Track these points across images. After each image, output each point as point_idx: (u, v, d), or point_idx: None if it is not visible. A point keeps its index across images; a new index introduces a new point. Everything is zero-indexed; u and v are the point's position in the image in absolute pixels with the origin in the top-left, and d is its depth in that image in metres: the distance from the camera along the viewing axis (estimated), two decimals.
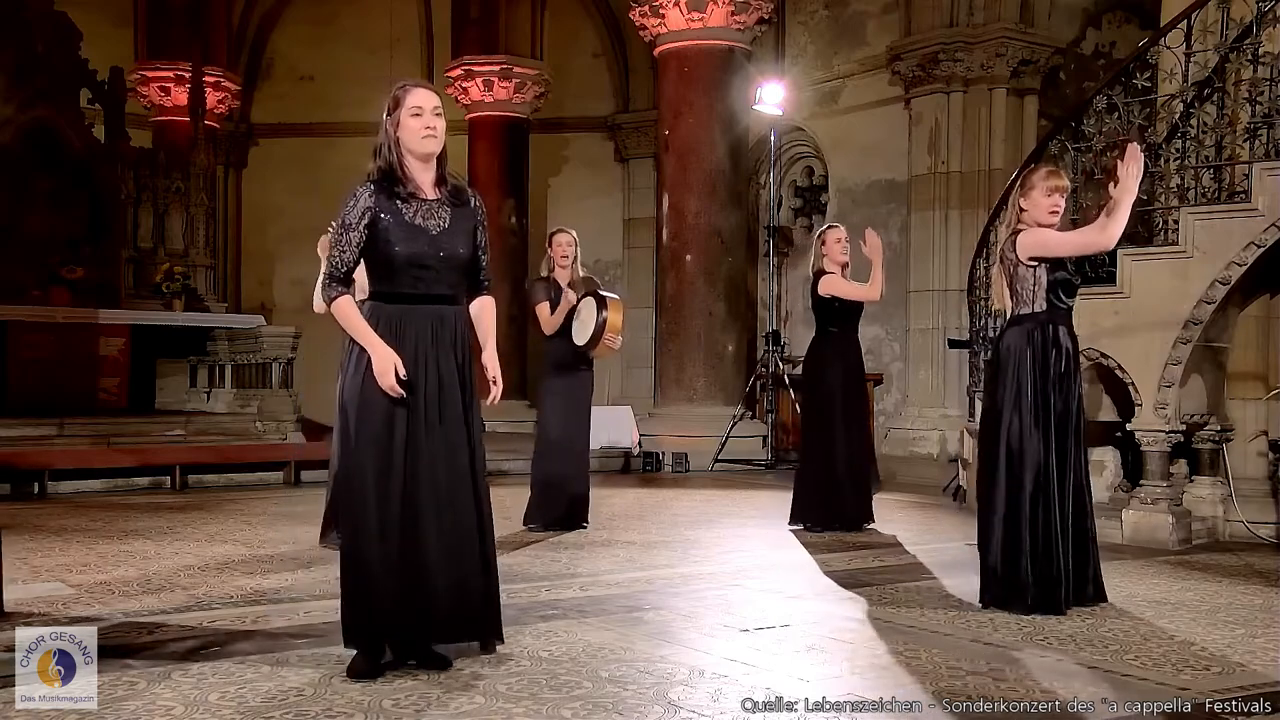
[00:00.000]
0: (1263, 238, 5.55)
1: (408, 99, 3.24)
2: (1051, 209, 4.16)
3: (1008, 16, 11.11)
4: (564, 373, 6.18)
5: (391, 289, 3.25)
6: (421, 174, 3.27)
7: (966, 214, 11.13)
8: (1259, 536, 6.00)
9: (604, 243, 15.24)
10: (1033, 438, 4.15)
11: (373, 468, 3.17)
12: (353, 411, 3.22)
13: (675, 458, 10.38)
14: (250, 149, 16.00)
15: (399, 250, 3.19)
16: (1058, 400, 4.16)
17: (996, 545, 4.17)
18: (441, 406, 3.23)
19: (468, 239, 3.31)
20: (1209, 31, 5.96)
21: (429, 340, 3.23)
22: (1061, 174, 4.33)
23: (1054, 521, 4.12)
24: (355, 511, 3.21)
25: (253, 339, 10.75)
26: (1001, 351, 4.28)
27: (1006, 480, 4.18)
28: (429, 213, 3.24)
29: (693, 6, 10.80)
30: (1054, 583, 4.09)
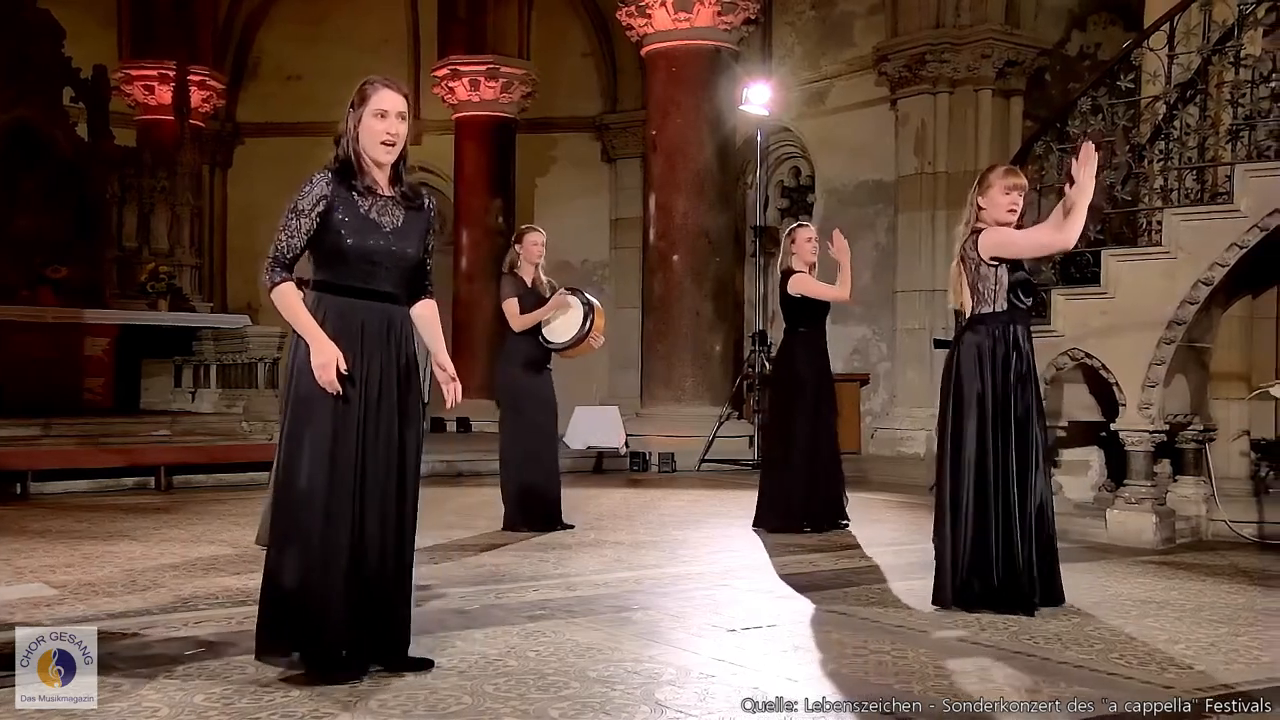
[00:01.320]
0: (1245, 238, 5.59)
1: (374, 98, 3.18)
2: (1009, 207, 4.16)
3: (994, 18, 11.16)
4: (533, 371, 6.17)
5: (338, 280, 3.18)
6: (378, 171, 3.22)
7: (953, 214, 11.06)
8: (1242, 536, 6.04)
9: (591, 243, 15.24)
10: (992, 438, 4.13)
11: (318, 464, 3.08)
12: (295, 407, 3.13)
13: (662, 458, 10.38)
14: (236, 148, 15.96)
15: (351, 243, 3.13)
16: (1017, 401, 4.15)
17: (963, 546, 4.15)
18: (385, 405, 3.16)
19: (418, 240, 3.27)
20: (1192, 34, 6.00)
21: (376, 337, 3.17)
22: (1019, 173, 4.34)
23: (1014, 521, 4.11)
24: (292, 511, 3.12)
25: (239, 339, 10.71)
26: (961, 351, 4.25)
27: (968, 481, 4.15)
28: (384, 209, 3.20)
29: (679, 6, 10.81)
30: (1020, 582, 4.09)
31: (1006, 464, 4.14)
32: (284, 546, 3.14)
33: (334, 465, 3.10)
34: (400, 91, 3.24)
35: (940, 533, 4.25)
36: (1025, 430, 4.16)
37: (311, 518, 3.10)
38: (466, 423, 13.45)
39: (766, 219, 12.80)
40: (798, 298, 6.13)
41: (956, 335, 4.41)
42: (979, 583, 4.13)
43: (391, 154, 3.21)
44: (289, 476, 3.15)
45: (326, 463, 3.10)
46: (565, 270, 13.20)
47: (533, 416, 6.17)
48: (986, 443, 4.15)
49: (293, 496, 3.14)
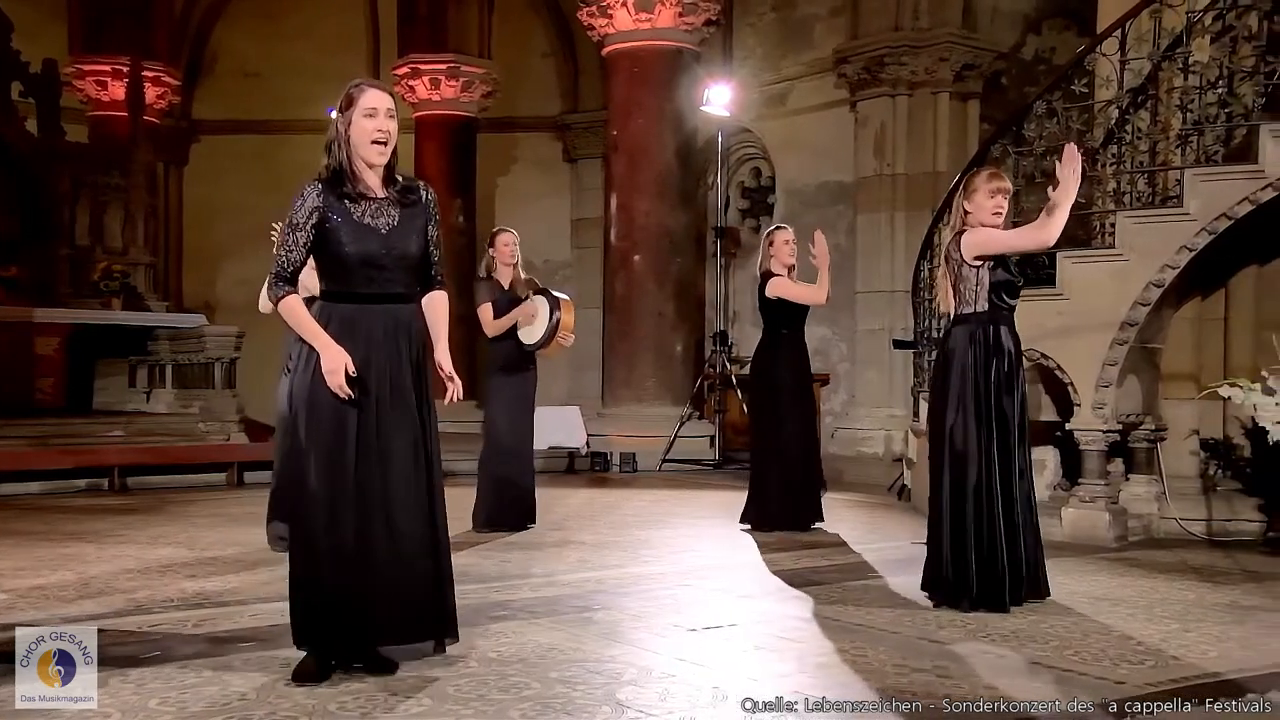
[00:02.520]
0: (1194, 241, 5.70)
1: (362, 99, 3.21)
2: (995, 210, 4.24)
3: (951, 22, 11.27)
4: (511, 373, 6.17)
5: (343, 288, 3.22)
6: (370, 173, 3.24)
7: (913, 216, 11.27)
8: (1191, 533, 6.16)
9: (553, 243, 15.21)
10: (976, 437, 4.21)
11: (324, 469, 3.13)
12: (303, 412, 3.19)
13: (624, 458, 10.39)
14: (192, 146, 15.73)
15: (350, 250, 3.16)
16: (1001, 399, 4.23)
17: (944, 544, 4.23)
18: (395, 407, 3.20)
19: (419, 236, 3.29)
20: (1142, 40, 6.10)
21: (383, 340, 3.20)
22: (1003, 176, 4.42)
23: (998, 520, 4.18)
24: (306, 513, 3.18)
25: (195, 339, 10.58)
26: (946, 352, 4.35)
27: (951, 479, 4.25)
28: (378, 211, 3.22)
29: (641, 7, 10.82)
30: (998, 581, 4.16)
31: (990, 461, 4.20)
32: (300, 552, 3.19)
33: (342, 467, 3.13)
34: (387, 90, 3.28)
35: (931, 527, 4.33)
36: (1007, 430, 4.23)
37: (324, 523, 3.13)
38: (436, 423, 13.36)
39: (727, 220, 12.85)
40: (776, 300, 6.17)
41: (942, 336, 4.49)
42: (962, 580, 4.19)
43: (385, 153, 3.23)
44: (303, 482, 3.18)
45: (337, 465, 3.13)
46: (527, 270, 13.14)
47: (510, 418, 6.17)
48: (969, 441, 4.21)
49: (307, 502, 3.17)
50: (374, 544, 3.16)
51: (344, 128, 3.21)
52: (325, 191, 3.19)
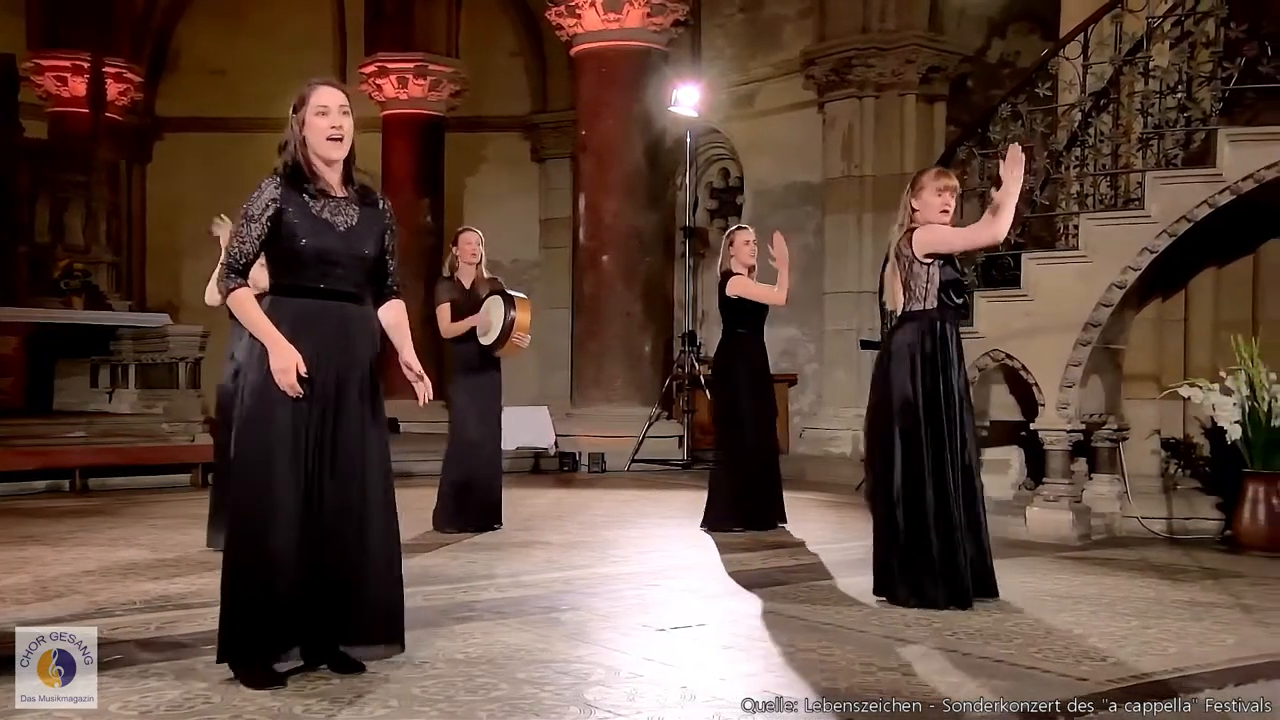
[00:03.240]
0: (1155, 243, 5.78)
1: (313, 97, 3.20)
2: (942, 208, 4.27)
3: (918, 24, 11.35)
4: (474, 373, 6.15)
5: (296, 283, 3.18)
6: (328, 171, 3.22)
7: (880, 217, 11.31)
8: (1152, 531, 6.24)
9: (521, 243, 15.17)
10: (922, 434, 4.22)
11: (276, 469, 3.07)
12: (252, 410, 3.12)
13: (592, 458, 10.39)
14: (156, 143, 15.55)
15: (306, 244, 3.13)
16: (948, 397, 4.25)
17: (898, 541, 4.24)
18: (346, 406, 3.16)
19: (375, 240, 3.27)
20: (1104, 44, 6.18)
21: (335, 338, 3.16)
22: (950, 174, 4.45)
23: (945, 516, 4.19)
24: (252, 513, 3.10)
25: (159, 338, 10.45)
26: (893, 348, 4.35)
27: (901, 477, 4.24)
28: (337, 209, 3.20)
29: (609, 7, 10.82)
30: (959, 577, 4.18)
31: (939, 459, 4.22)
32: (238, 552, 3.12)
33: (292, 471, 3.08)
34: (339, 88, 3.26)
35: (877, 527, 4.33)
36: (956, 426, 4.26)
37: (265, 524, 3.08)
38: (395, 424, 13.30)
39: (696, 220, 12.87)
40: (735, 300, 6.19)
41: (889, 333, 4.50)
42: (915, 577, 4.21)
43: (341, 149, 3.21)
44: (245, 482, 3.13)
45: (285, 469, 3.08)
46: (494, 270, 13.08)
47: (475, 418, 6.15)
48: (918, 438, 4.23)
49: (248, 502, 3.12)
50: (325, 546, 3.11)
51: (298, 127, 3.20)
52: (284, 186, 3.17)
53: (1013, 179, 4.10)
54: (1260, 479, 5.82)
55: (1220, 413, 5.90)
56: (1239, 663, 3.44)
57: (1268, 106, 5.81)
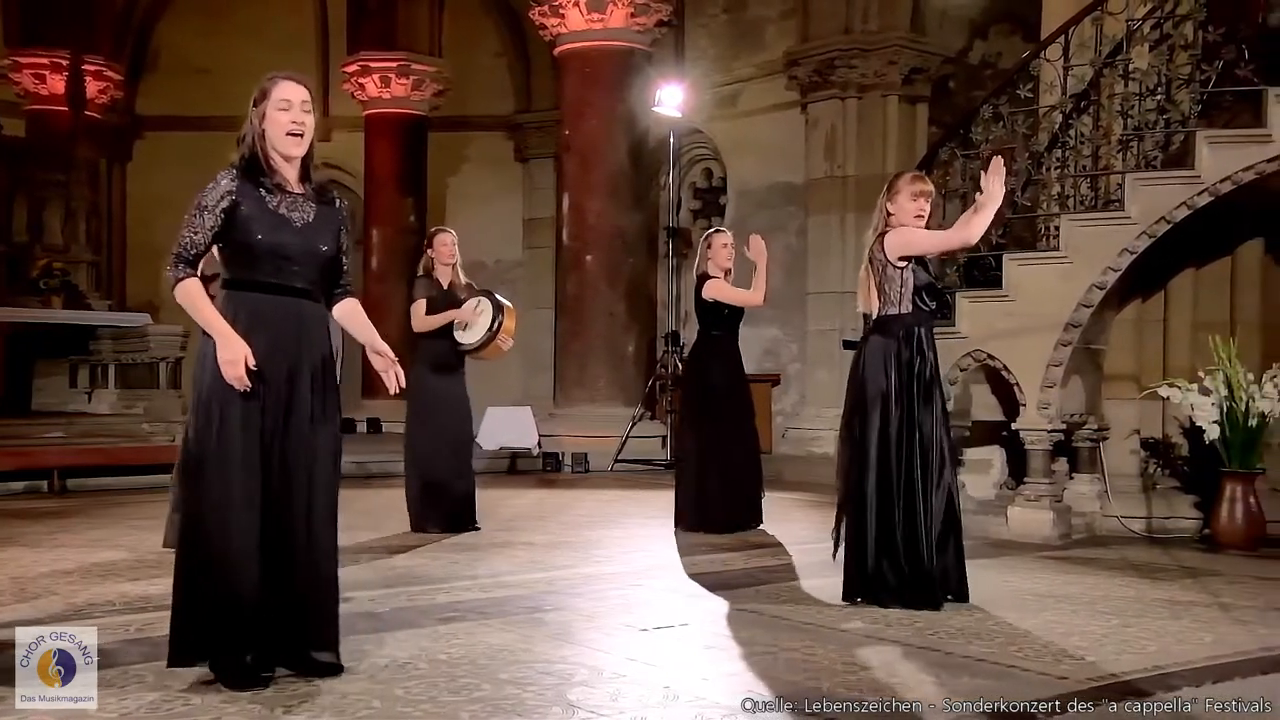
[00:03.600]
0: (1135, 244, 5.82)
1: (275, 91, 3.15)
2: (917, 212, 4.28)
3: (900, 25, 11.39)
4: (443, 372, 6.12)
5: (250, 277, 3.13)
6: (286, 167, 3.19)
7: (863, 218, 11.31)
8: (1132, 531, 6.29)
9: (504, 243, 15.14)
10: (896, 437, 4.23)
11: (228, 465, 3.03)
12: (205, 407, 3.07)
13: (575, 458, 10.38)
14: (136, 142, 15.44)
15: (261, 238, 3.09)
16: (921, 401, 4.26)
17: (869, 543, 4.24)
18: (298, 403, 3.12)
19: (331, 237, 3.23)
20: (1085, 46, 6.22)
21: (289, 334, 3.12)
22: (926, 179, 4.47)
23: (918, 519, 4.20)
24: (205, 512, 3.05)
25: (139, 338, 10.38)
26: (867, 352, 4.35)
27: (872, 479, 4.25)
28: (294, 205, 3.16)
29: (593, 7, 10.82)
30: (928, 579, 4.18)
31: (910, 462, 4.23)
32: (194, 551, 3.08)
33: (245, 467, 3.04)
34: (302, 83, 3.21)
35: (848, 530, 4.34)
36: (928, 430, 4.26)
37: (221, 521, 3.04)
38: (378, 423, 13.25)
39: (679, 220, 12.87)
40: (711, 302, 6.19)
41: (863, 336, 4.50)
42: (885, 579, 4.22)
43: (300, 145, 3.17)
44: (198, 479, 3.09)
45: (237, 465, 3.04)
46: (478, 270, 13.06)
47: (441, 417, 6.11)
48: (890, 442, 4.24)
49: (201, 499, 3.07)
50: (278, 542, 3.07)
51: (258, 120, 3.16)
52: (240, 179, 3.12)
53: (995, 187, 4.11)
54: (1238, 478, 5.87)
55: (1199, 413, 5.94)
56: (1217, 661, 3.47)
57: (1244, 109, 5.86)
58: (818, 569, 5.08)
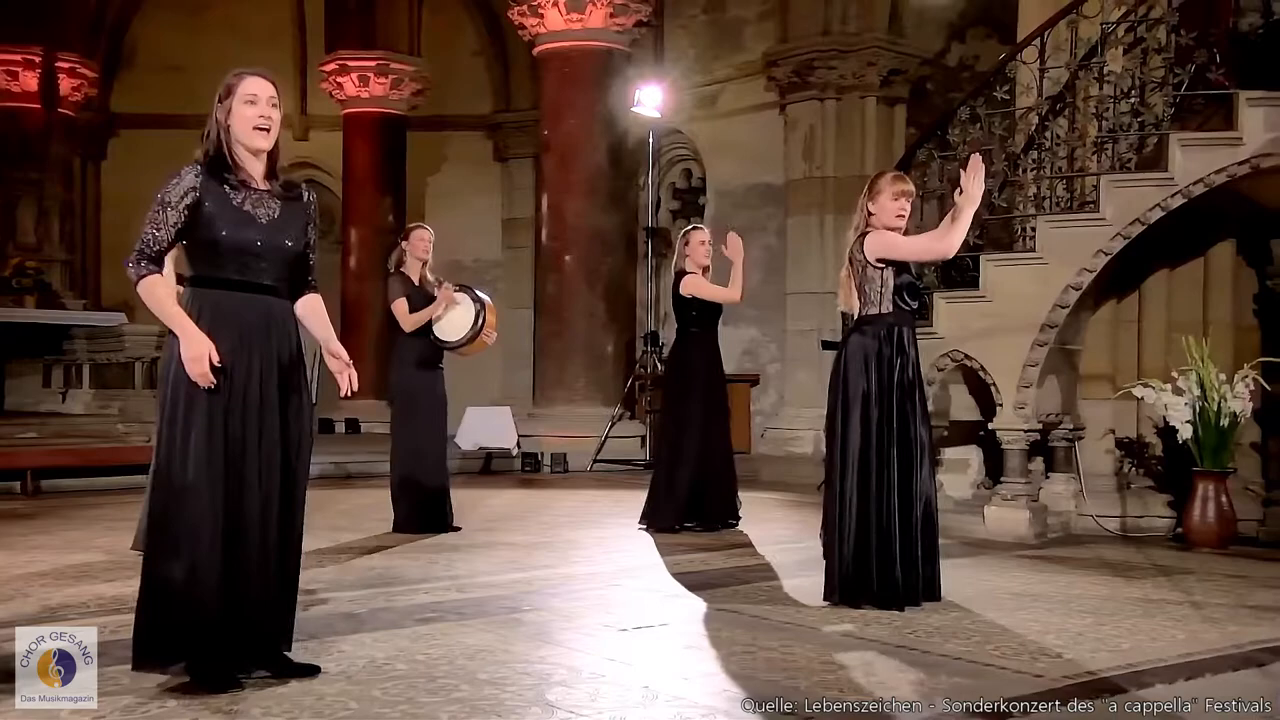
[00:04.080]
0: (1109, 246, 5.88)
1: (241, 86, 3.13)
2: (898, 213, 4.29)
3: (879, 27, 11.44)
4: (425, 370, 6.11)
5: (214, 274, 3.11)
6: (252, 163, 3.16)
7: (842, 218, 11.36)
8: (1106, 530, 6.35)
9: (483, 242, 15.12)
10: (877, 437, 4.24)
11: (194, 465, 3.01)
12: (171, 405, 3.05)
13: (554, 458, 10.37)
14: (111, 140, 15.31)
15: (226, 235, 3.07)
16: (901, 400, 4.27)
17: (849, 543, 4.25)
18: (268, 401, 3.10)
19: (298, 233, 3.21)
20: (1060, 49, 6.28)
21: (255, 331, 3.10)
22: (907, 180, 4.49)
23: (896, 519, 4.22)
24: (174, 513, 3.03)
25: (114, 338, 10.31)
26: (848, 352, 4.36)
27: (853, 479, 4.26)
28: (259, 202, 3.14)
29: (572, 7, 10.82)
30: (896, 581, 4.19)
31: (890, 463, 4.25)
32: (161, 551, 3.06)
33: (211, 466, 3.02)
34: (269, 79, 3.19)
35: (829, 530, 4.36)
36: (908, 430, 4.29)
37: (189, 521, 3.01)
38: (356, 424, 13.19)
39: (658, 220, 12.88)
40: (689, 299, 6.20)
41: (844, 337, 4.52)
42: (863, 579, 4.24)
43: (267, 140, 3.15)
44: (165, 479, 3.07)
45: (204, 464, 3.02)
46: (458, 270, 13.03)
47: (424, 417, 6.11)
48: (870, 441, 4.26)
49: (169, 499, 3.05)
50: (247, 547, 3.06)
51: (223, 116, 3.13)
52: (205, 175, 3.10)
53: (974, 186, 4.12)
54: (1210, 477, 5.93)
55: (1172, 413, 6.00)
56: (1189, 658, 3.51)
57: (1216, 112, 5.93)
58: (797, 568, 5.10)
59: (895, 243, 4.29)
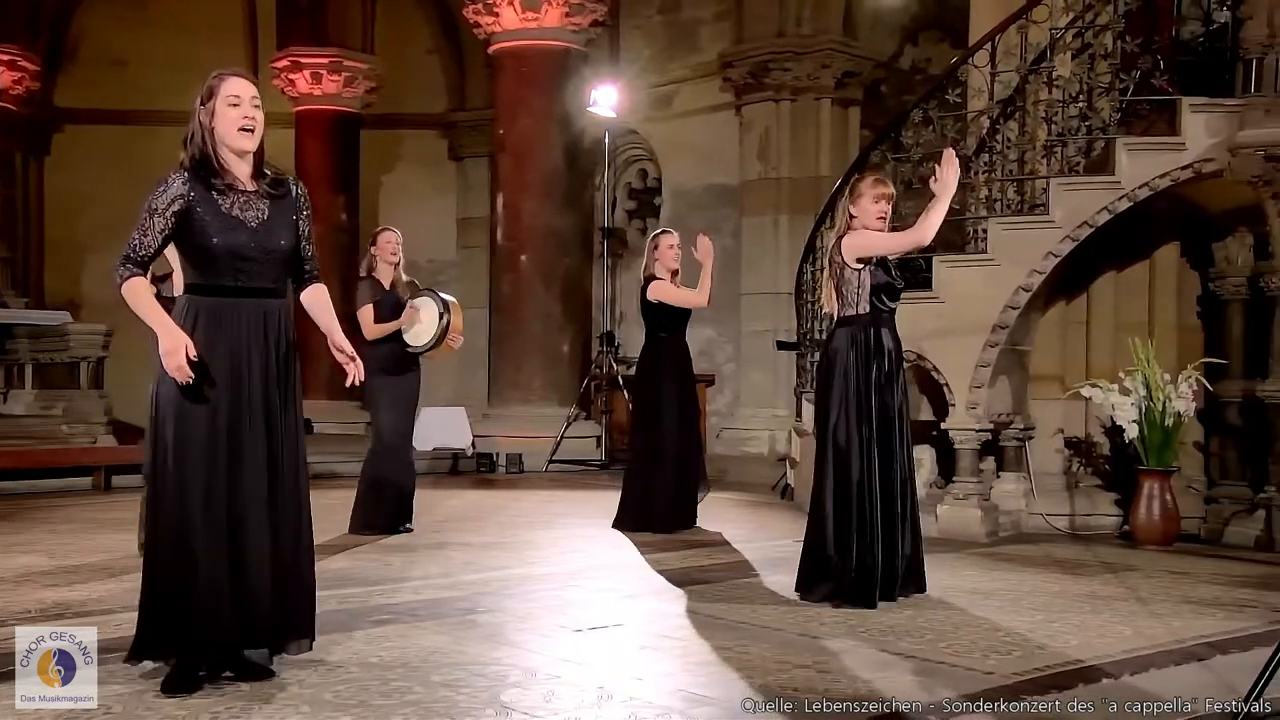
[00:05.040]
0: (1059, 248, 5.97)
1: (224, 88, 3.13)
2: (879, 214, 4.37)
3: (833, 30, 11.54)
4: (395, 373, 6.07)
5: (210, 281, 3.12)
6: (238, 165, 3.16)
7: (797, 219, 11.48)
8: (1056, 528, 6.44)
9: (438, 242, 15.01)
10: (859, 436, 4.30)
11: (191, 466, 3.03)
12: (168, 407, 3.07)
13: (510, 459, 10.33)
14: (55, 135, 14.98)
15: (217, 242, 3.07)
16: (882, 400, 4.33)
17: (827, 541, 4.30)
18: (264, 403, 3.12)
19: (289, 231, 3.22)
20: (1011, 54, 6.36)
21: (251, 335, 3.11)
22: (888, 182, 4.55)
23: (876, 519, 4.27)
24: (171, 513, 3.06)
25: (59, 337, 10.08)
26: (829, 353, 4.44)
27: (834, 478, 4.33)
28: (247, 204, 3.14)
29: (528, 6, 10.79)
30: (872, 578, 4.25)
31: (870, 461, 4.29)
32: (159, 550, 3.08)
33: (210, 466, 3.04)
34: (249, 79, 3.22)
35: (811, 527, 4.40)
36: (889, 428, 4.34)
37: (187, 519, 3.03)
38: (308, 424, 13.05)
39: (614, 221, 12.89)
40: (657, 304, 6.20)
41: (825, 339, 4.58)
42: (841, 574, 4.27)
43: (253, 140, 3.16)
44: (163, 479, 3.07)
45: (202, 463, 3.04)
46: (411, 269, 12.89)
47: (395, 418, 6.07)
48: (851, 440, 4.31)
49: (168, 498, 3.06)
50: (246, 544, 3.08)
51: (206, 119, 3.13)
52: (192, 181, 3.09)
53: (950, 178, 4.22)
54: (1154, 475, 6.04)
55: (1119, 412, 6.11)
56: (1134, 653, 3.57)
57: (1160, 117, 6.05)
58: (752, 568, 5.12)
59: (871, 239, 4.36)
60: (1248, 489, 6.22)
